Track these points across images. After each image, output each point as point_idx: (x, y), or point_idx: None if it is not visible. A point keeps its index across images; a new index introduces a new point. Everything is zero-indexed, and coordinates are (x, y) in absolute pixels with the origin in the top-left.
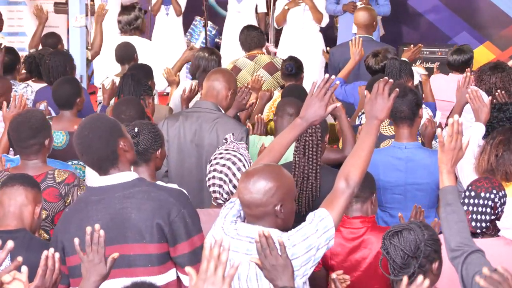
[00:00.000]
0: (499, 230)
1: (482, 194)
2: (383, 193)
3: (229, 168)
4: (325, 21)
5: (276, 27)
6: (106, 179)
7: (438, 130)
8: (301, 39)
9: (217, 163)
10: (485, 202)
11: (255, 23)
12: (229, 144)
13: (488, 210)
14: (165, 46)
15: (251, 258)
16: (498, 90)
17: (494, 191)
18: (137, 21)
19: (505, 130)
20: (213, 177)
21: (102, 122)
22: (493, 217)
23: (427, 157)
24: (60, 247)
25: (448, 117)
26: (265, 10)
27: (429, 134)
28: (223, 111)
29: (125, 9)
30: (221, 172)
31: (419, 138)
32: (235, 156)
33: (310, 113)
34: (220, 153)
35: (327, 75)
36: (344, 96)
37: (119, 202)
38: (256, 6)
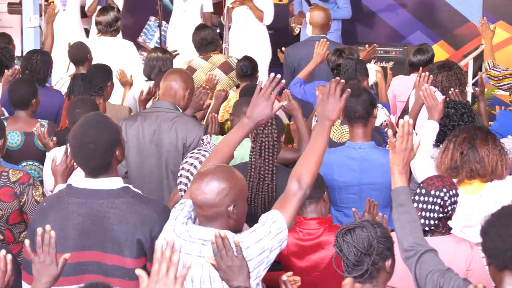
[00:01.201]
0: (450, 229)
1: (432, 192)
2: (337, 193)
3: (195, 167)
4: (269, 18)
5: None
6: (92, 182)
7: (389, 131)
8: (247, 37)
9: (185, 162)
10: (435, 200)
11: (200, 22)
12: (205, 145)
13: (437, 208)
14: (131, 46)
15: (207, 259)
16: (452, 89)
17: (444, 190)
18: (117, 22)
19: (469, 127)
20: (181, 175)
21: (106, 130)
22: (441, 215)
23: (381, 157)
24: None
25: (398, 118)
26: (211, 10)
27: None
28: (181, 111)
29: (103, 10)
30: (188, 170)
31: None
32: (204, 156)
33: (256, 113)
34: (192, 153)
35: (272, 74)
36: (303, 96)
37: (103, 210)
38: (202, 5)
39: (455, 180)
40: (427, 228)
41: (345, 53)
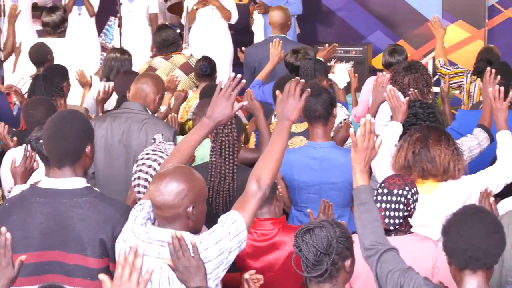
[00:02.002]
0: (411, 227)
1: (395, 191)
2: (298, 192)
3: (154, 169)
4: (234, 18)
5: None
6: (55, 182)
7: (351, 130)
8: (211, 37)
9: (143, 164)
10: (398, 198)
11: (146, 24)
12: (157, 144)
13: (401, 206)
14: (79, 46)
15: (164, 260)
16: (411, 89)
17: (407, 188)
18: (64, 23)
19: (423, 127)
20: (139, 177)
21: (82, 119)
22: (405, 214)
23: (341, 156)
24: None
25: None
26: (157, 11)
27: (342, 137)
28: (150, 113)
29: (50, 11)
30: (146, 173)
31: None
32: (161, 157)
33: (217, 113)
34: (147, 154)
35: (233, 74)
36: (262, 97)
37: (66, 209)
38: (148, 6)
39: None
40: (392, 228)
41: (300, 53)
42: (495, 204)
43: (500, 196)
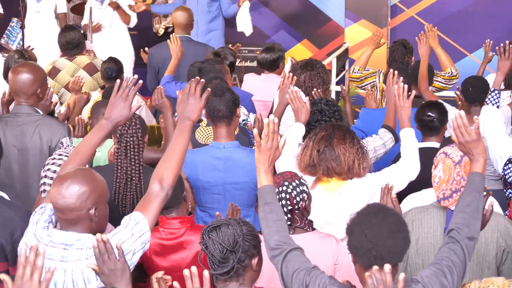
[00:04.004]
0: (311, 223)
1: (276, 190)
2: (202, 193)
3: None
4: (133, 22)
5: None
6: None
7: (255, 130)
8: (110, 40)
9: (48, 169)
10: (281, 195)
11: (55, 24)
12: (65, 148)
13: (284, 202)
14: None
15: (88, 264)
16: (314, 89)
17: (286, 183)
18: None
19: (328, 126)
20: (44, 183)
21: None
22: (290, 208)
23: (245, 157)
24: None
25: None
26: (65, 11)
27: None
28: (41, 112)
29: None
30: (51, 178)
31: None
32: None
33: (115, 114)
34: (53, 159)
35: (129, 75)
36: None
37: None
38: (56, 6)
39: (313, 178)
40: None
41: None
42: (397, 200)
43: (405, 193)
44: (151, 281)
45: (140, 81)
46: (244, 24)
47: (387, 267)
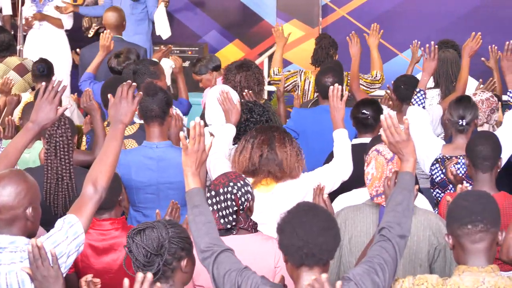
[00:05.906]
0: (255, 224)
1: (221, 190)
2: (136, 193)
3: None
4: (69, 23)
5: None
6: None
7: (181, 133)
8: (43, 41)
9: None
10: (226, 196)
11: None
12: None
13: (229, 203)
14: None
15: (23, 268)
16: (246, 90)
17: (232, 183)
18: None
19: (265, 128)
20: None
21: None
22: (235, 208)
23: (178, 156)
24: None
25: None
26: (10, 13)
27: (175, 133)
28: None
29: None
30: None
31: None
32: None
33: (41, 117)
34: None
35: (54, 78)
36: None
37: None
38: (1, 8)
39: (251, 180)
40: (229, 226)
41: (121, 57)
42: (329, 200)
43: (338, 193)
44: (80, 284)
45: (66, 84)
46: (161, 27)
47: (324, 276)
